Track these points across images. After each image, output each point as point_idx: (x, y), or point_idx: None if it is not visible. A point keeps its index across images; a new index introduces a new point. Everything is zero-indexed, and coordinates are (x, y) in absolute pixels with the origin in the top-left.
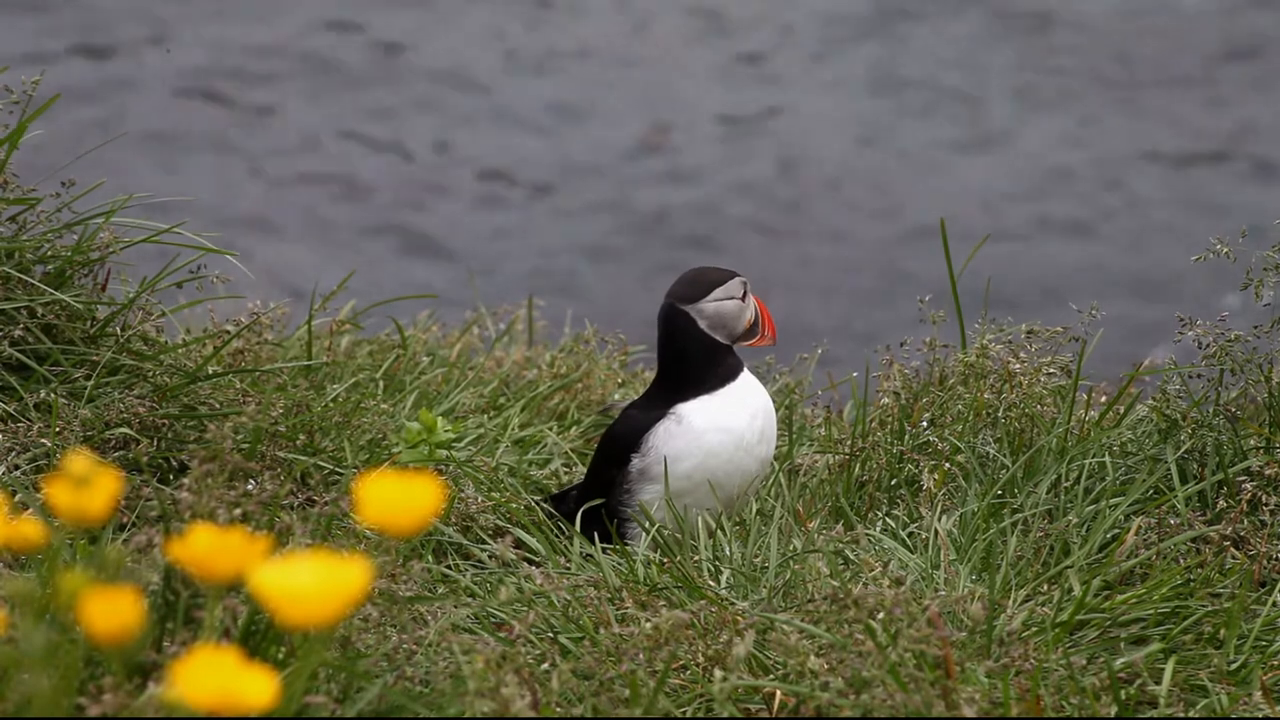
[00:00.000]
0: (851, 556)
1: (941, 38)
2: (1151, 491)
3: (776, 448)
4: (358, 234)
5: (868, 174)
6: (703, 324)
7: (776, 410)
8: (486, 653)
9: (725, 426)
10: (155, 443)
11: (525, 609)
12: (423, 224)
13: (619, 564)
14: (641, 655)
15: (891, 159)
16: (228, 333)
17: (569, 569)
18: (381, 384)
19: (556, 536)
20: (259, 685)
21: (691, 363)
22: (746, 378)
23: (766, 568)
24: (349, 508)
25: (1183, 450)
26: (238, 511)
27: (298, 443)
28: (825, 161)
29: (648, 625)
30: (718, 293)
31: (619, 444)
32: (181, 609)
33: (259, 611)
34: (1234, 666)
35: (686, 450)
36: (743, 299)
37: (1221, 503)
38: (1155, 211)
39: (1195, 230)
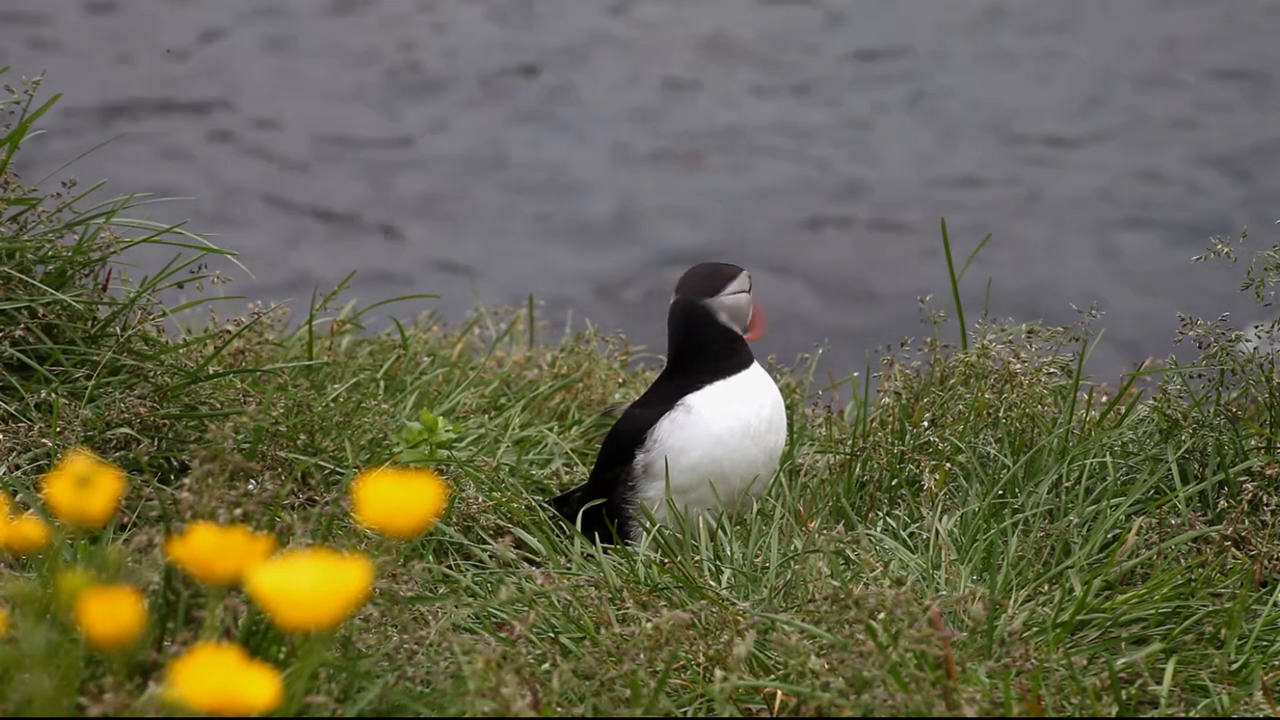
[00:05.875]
0: (852, 556)
1: None
2: (1152, 491)
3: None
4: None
5: None
6: (722, 317)
7: None
8: (487, 653)
9: (733, 412)
10: (156, 443)
11: (526, 609)
12: None
13: (620, 564)
14: (642, 655)
15: None
16: (228, 333)
17: (570, 569)
18: (382, 384)
19: (557, 536)
20: (260, 685)
21: (709, 355)
22: (757, 369)
23: (767, 568)
24: (350, 508)
25: (1184, 450)
26: (238, 511)
27: (298, 443)
28: None
29: (648, 625)
30: (732, 286)
31: (624, 440)
32: (182, 609)
33: (260, 611)
34: (1235, 666)
35: (693, 440)
36: (749, 292)
37: (1222, 503)
38: None
39: None
